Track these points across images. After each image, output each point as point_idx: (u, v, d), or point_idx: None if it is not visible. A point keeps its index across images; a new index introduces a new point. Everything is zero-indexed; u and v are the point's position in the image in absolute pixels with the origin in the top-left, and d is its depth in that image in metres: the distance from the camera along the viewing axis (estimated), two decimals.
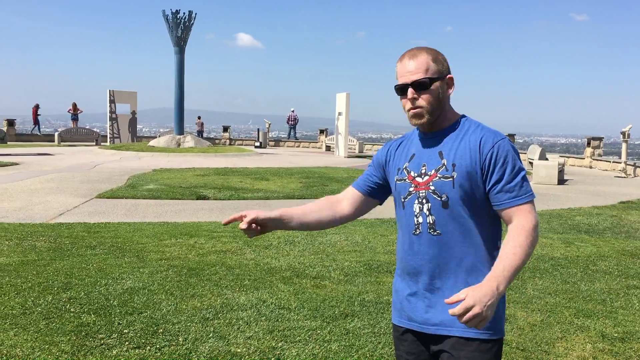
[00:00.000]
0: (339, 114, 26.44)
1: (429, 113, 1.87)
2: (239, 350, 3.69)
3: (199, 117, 36.72)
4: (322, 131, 34.70)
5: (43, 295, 4.60)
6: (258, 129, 35.61)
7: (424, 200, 1.87)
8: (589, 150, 24.31)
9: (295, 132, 36.50)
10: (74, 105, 32.98)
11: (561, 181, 16.35)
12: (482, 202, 1.84)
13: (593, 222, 9.45)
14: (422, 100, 1.86)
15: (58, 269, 5.41)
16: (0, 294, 4.61)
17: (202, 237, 7.13)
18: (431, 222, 1.85)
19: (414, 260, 1.90)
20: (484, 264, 1.84)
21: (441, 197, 1.83)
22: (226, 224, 1.99)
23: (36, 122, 34.29)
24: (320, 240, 7.06)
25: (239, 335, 3.93)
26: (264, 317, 4.29)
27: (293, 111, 35.55)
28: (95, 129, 35.14)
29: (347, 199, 2.12)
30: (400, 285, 1.99)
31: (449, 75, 1.91)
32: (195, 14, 26.90)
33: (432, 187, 1.85)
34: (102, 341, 3.74)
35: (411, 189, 1.90)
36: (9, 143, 28.81)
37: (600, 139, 24.51)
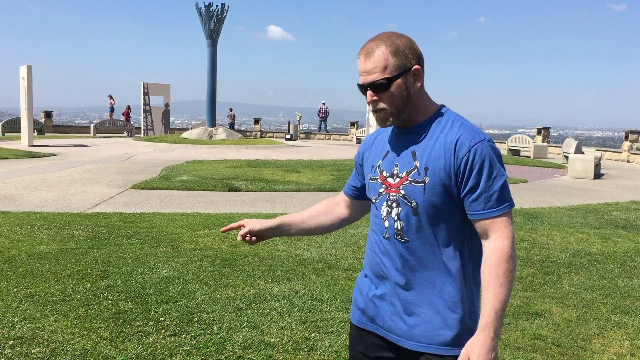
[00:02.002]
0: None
1: (393, 115, 1.69)
2: (272, 340, 3.73)
3: (231, 110, 37.01)
4: (352, 124, 34.64)
5: (82, 283, 4.72)
6: (289, 122, 35.72)
7: (394, 204, 1.70)
8: (626, 144, 23.73)
9: (325, 125, 36.50)
10: (110, 97, 33.65)
11: (597, 175, 16.00)
12: (455, 210, 1.66)
13: (631, 217, 9.23)
14: (384, 102, 1.67)
15: (96, 257, 5.54)
16: (41, 281, 4.75)
17: None
18: (399, 227, 1.69)
19: (382, 264, 1.74)
20: (453, 277, 1.67)
21: (411, 203, 1.66)
22: (224, 232, 1.98)
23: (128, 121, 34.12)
24: (352, 232, 7.07)
25: (272, 326, 3.97)
26: (296, 308, 4.33)
27: (324, 103, 35.54)
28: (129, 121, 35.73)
29: (344, 201, 2.02)
30: (365, 285, 1.84)
31: (414, 67, 1.67)
32: (228, 6, 27.10)
33: (403, 191, 1.68)
34: (139, 328, 3.83)
35: (381, 190, 1.74)
36: (46, 134, 29.55)
37: (638, 132, 23.87)
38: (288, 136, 32.74)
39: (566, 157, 19.02)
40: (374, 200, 1.78)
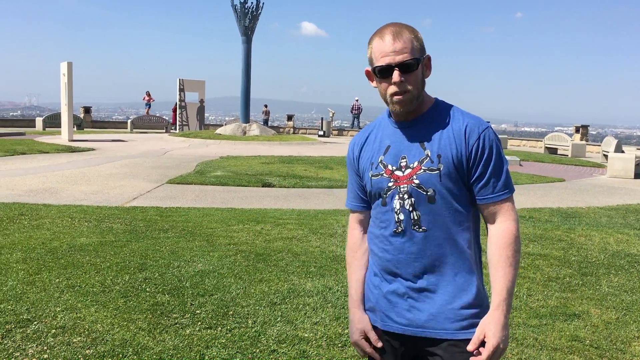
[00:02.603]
0: None
1: (415, 98, 1.71)
2: (306, 335, 3.76)
3: (266, 106, 37.18)
4: None
5: (121, 275, 4.83)
6: (322, 118, 35.75)
7: (406, 195, 1.72)
8: None
9: (359, 122, 36.42)
10: (148, 93, 34.25)
11: (638, 175, 15.58)
12: (466, 195, 1.73)
13: None
14: (410, 84, 1.68)
15: (134, 250, 5.67)
16: (82, 272, 4.88)
17: (268, 223, 7.27)
18: (416, 218, 1.71)
19: (396, 259, 1.75)
20: (470, 261, 1.73)
21: (427, 191, 1.69)
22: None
23: (175, 120, 34.30)
24: None
25: (305, 321, 4.00)
26: (330, 304, 4.35)
27: (357, 100, 35.46)
28: (164, 117, 36.30)
29: (363, 226, 1.93)
30: (377, 284, 1.83)
31: (428, 55, 1.74)
32: (263, 3, 27.23)
33: (417, 181, 1.70)
34: (176, 320, 3.90)
35: (390, 184, 1.74)
36: (85, 129, 30.25)
37: None
38: (321, 133, 32.78)
39: (605, 156, 18.58)
40: (382, 196, 1.77)
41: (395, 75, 1.66)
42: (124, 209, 8.21)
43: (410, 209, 1.71)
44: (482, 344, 1.64)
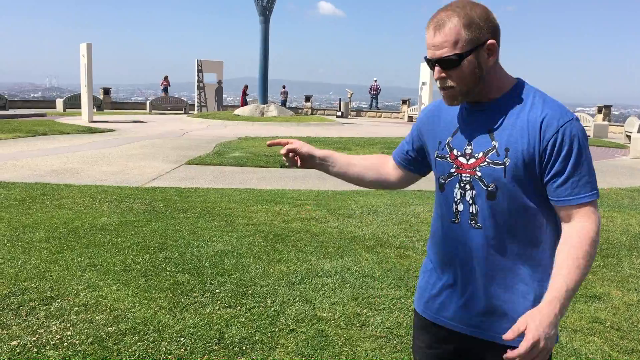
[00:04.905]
0: (423, 83, 25.90)
1: (462, 94, 1.54)
2: (324, 314, 3.77)
3: (284, 87, 37.10)
4: (404, 101, 34.19)
5: (141, 254, 4.89)
6: (340, 99, 35.58)
7: (468, 186, 1.56)
8: None
9: (377, 102, 36.19)
10: (166, 77, 34.34)
11: None
12: (534, 194, 1.53)
13: None
14: (452, 80, 1.52)
15: (154, 230, 5.72)
16: (103, 251, 4.94)
17: (286, 204, 7.29)
18: (474, 212, 1.56)
19: (451, 251, 1.64)
20: (527, 266, 1.56)
21: (488, 186, 1.53)
22: (269, 145, 1.96)
23: (244, 102, 34.41)
24: (403, 210, 7.03)
25: (324, 301, 4.02)
26: (348, 284, 4.36)
27: (375, 81, 35.20)
28: (183, 98, 36.43)
29: (392, 164, 1.88)
30: (431, 273, 1.74)
31: (489, 41, 1.49)
32: None
33: (479, 173, 1.54)
34: (196, 299, 3.95)
35: (452, 170, 1.60)
36: (105, 110, 30.50)
37: None
38: (339, 114, 32.65)
39: (628, 137, 18.24)
40: (442, 181, 1.64)
41: (435, 72, 1.53)
42: (144, 189, 8.28)
43: (470, 201, 1.56)
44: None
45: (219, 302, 3.92)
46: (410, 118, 30.97)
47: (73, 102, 29.49)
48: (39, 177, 9.10)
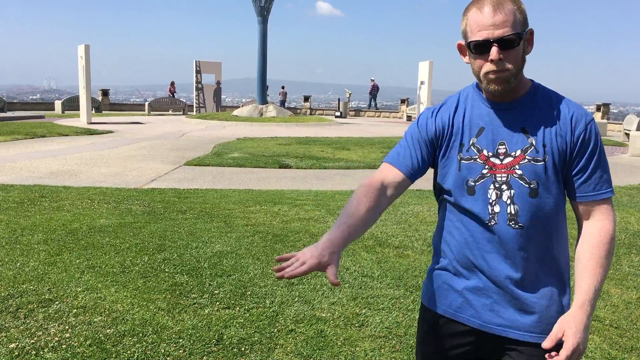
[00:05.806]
0: (421, 83, 25.92)
1: (514, 77, 1.52)
2: (323, 314, 3.77)
3: (283, 87, 37.05)
4: (403, 101, 34.22)
5: (140, 256, 4.88)
6: (338, 99, 35.58)
7: (504, 186, 1.54)
8: None
9: (375, 102, 36.18)
10: (172, 83, 34.19)
11: None
12: (562, 189, 1.58)
13: None
14: (509, 62, 1.49)
15: (152, 231, 5.72)
16: (102, 253, 4.94)
17: (285, 204, 7.29)
18: (513, 212, 1.54)
19: (481, 255, 1.59)
20: (560, 262, 1.60)
21: (530, 184, 1.53)
22: (278, 260, 1.54)
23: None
24: (402, 210, 7.03)
25: (323, 301, 4.01)
26: (347, 284, 4.35)
27: (373, 80, 35.20)
28: (181, 99, 36.38)
29: (391, 185, 1.64)
30: (450, 277, 1.68)
31: (530, 29, 1.54)
32: None
33: (519, 171, 1.53)
34: (195, 300, 3.94)
35: (484, 172, 1.57)
36: (103, 112, 30.47)
37: None
38: (338, 114, 32.64)
39: (627, 135, 18.28)
40: (471, 183, 1.59)
41: (494, 52, 1.48)
42: (143, 190, 8.28)
43: (509, 201, 1.54)
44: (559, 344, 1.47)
45: (217, 303, 3.91)
46: (409, 117, 30.96)
47: (71, 104, 29.44)
48: (37, 179, 9.09)
